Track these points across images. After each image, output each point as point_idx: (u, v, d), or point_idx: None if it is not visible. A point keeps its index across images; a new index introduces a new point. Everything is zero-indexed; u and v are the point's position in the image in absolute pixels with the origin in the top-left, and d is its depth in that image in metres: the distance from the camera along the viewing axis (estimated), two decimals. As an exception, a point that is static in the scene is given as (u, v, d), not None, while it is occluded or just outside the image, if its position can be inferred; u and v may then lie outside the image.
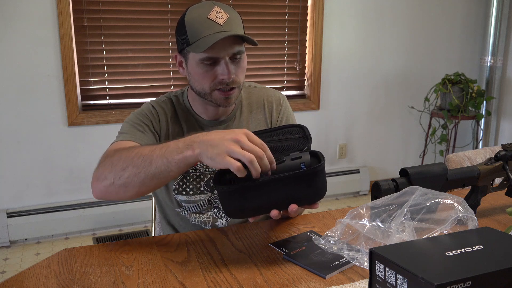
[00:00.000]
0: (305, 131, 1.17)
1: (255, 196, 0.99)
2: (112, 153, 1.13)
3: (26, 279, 0.96)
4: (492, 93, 3.80)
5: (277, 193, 0.98)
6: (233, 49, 1.24)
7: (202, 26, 1.22)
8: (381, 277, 0.74)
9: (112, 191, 1.11)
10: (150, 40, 3.06)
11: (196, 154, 1.00)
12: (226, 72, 1.24)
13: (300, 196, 1.00)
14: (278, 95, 1.49)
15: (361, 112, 3.72)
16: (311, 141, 1.15)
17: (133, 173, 1.06)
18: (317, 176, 0.99)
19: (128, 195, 1.11)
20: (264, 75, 3.41)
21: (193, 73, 1.29)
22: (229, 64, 1.24)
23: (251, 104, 1.45)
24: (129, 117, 1.36)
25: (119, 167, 1.08)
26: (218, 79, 1.26)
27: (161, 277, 0.97)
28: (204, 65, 1.25)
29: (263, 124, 1.44)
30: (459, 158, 1.75)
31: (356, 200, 3.70)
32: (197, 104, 1.38)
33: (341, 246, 0.98)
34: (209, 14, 1.22)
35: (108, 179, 1.09)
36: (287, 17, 3.37)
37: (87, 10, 2.89)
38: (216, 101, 1.30)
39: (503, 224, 1.23)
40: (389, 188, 1.09)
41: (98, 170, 1.13)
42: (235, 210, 1.02)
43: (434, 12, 3.76)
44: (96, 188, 1.13)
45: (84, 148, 3.01)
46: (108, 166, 1.11)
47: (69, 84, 2.90)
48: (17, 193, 2.93)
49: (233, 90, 1.28)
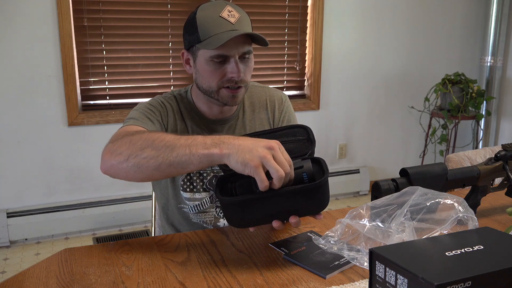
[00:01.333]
0: (309, 133, 1.15)
1: (257, 208, 0.97)
2: (132, 133, 1.10)
3: (26, 279, 0.96)
4: (492, 93, 3.80)
5: (279, 205, 0.97)
6: (243, 48, 1.25)
7: (215, 24, 1.23)
8: (381, 277, 0.73)
9: (123, 169, 1.06)
10: (150, 40, 3.06)
11: (223, 155, 0.96)
12: (236, 71, 1.25)
13: (302, 208, 0.98)
14: (280, 94, 1.50)
15: (361, 112, 3.72)
16: (315, 144, 1.13)
17: (151, 155, 1.02)
18: (320, 189, 0.97)
19: (137, 177, 1.07)
20: (264, 75, 3.41)
21: (201, 71, 1.29)
22: (238, 62, 1.26)
23: (253, 103, 1.46)
24: (138, 105, 1.35)
25: (138, 146, 1.04)
26: (227, 77, 1.27)
27: (161, 277, 0.97)
28: (213, 63, 1.26)
29: (265, 123, 1.45)
30: (459, 158, 1.75)
31: (356, 200, 3.70)
32: (201, 103, 1.38)
33: (341, 246, 0.98)
34: (222, 13, 1.23)
35: (123, 155, 1.05)
36: (287, 17, 3.37)
37: (87, 10, 2.89)
38: (223, 99, 1.30)
39: (503, 224, 1.23)
40: (389, 188, 1.09)
41: (113, 145, 1.10)
42: (237, 220, 1.01)
43: (434, 12, 3.76)
44: (106, 162, 1.09)
45: (84, 148, 3.01)
46: (126, 142, 1.07)
47: (69, 84, 2.90)
48: (17, 193, 2.93)
49: (240, 89, 1.29)
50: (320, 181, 0.96)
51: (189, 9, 3.06)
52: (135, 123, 1.24)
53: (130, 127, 1.20)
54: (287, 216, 0.98)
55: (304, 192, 0.96)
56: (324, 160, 1.05)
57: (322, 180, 0.97)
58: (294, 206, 0.97)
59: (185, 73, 3.18)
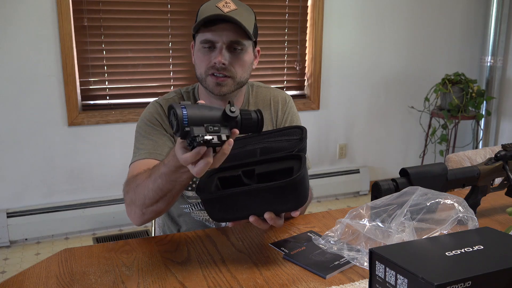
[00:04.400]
0: (303, 132, 1.17)
1: (231, 204, 1.02)
2: (128, 188, 1.19)
3: (26, 279, 0.96)
4: (492, 93, 3.80)
5: (251, 201, 1.00)
6: (229, 37, 1.27)
7: (207, 10, 1.26)
8: (381, 277, 0.73)
9: (149, 219, 1.19)
10: (150, 40, 3.06)
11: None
12: (217, 56, 1.27)
13: (274, 204, 1.00)
14: (284, 95, 1.51)
15: (361, 112, 3.72)
16: (302, 142, 1.14)
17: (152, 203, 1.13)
18: (290, 187, 0.97)
19: (163, 212, 1.19)
20: (264, 75, 3.41)
21: (195, 58, 1.33)
22: (224, 50, 1.27)
23: (257, 103, 1.47)
24: (139, 124, 1.38)
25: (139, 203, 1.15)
26: (211, 63, 1.28)
27: (161, 277, 0.97)
28: (203, 50, 1.29)
29: (268, 123, 1.46)
30: (459, 158, 1.75)
31: (356, 200, 3.70)
32: (205, 100, 1.38)
33: (341, 246, 0.98)
34: (218, 3, 1.27)
35: (139, 215, 1.18)
36: (287, 17, 3.37)
37: (87, 10, 2.89)
38: (209, 87, 1.31)
39: (503, 224, 1.23)
40: (389, 188, 1.09)
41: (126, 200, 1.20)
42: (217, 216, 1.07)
43: (434, 12, 3.76)
44: (133, 220, 1.21)
45: (84, 148, 3.01)
46: (131, 204, 1.18)
47: (69, 84, 2.90)
48: (17, 193, 2.93)
49: (226, 78, 1.29)
50: (285, 181, 0.97)
51: (189, 9, 3.06)
52: (141, 156, 1.30)
53: (137, 167, 1.27)
54: (262, 213, 1.00)
55: (272, 189, 0.98)
56: (306, 158, 1.07)
57: (287, 181, 0.96)
58: (267, 202, 1.00)
59: (185, 73, 3.18)
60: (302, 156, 1.06)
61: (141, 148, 1.32)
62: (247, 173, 1.09)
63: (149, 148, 1.31)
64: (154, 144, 1.32)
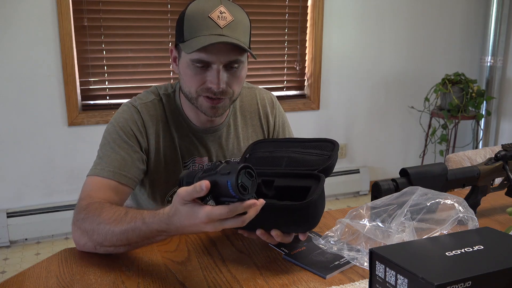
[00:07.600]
0: (334, 147, 1.12)
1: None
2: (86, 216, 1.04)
3: (26, 279, 0.96)
4: (492, 93, 3.80)
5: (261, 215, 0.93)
6: (228, 57, 1.12)
7: (200, 25, 1.11)
8: (381, 277, 0.73)
9: (98, 252, 1.05)
10: (150, 40, 3.06)
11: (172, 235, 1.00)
12: (215, 81, 1.13)
13: (283, 223, 0.97)
14: (269, 96, 1.44)
15: (361, 112, 3.72)
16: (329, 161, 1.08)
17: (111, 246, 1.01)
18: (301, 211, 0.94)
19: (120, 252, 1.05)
20: (264, 75, 3.41)
21: (182, 73, 1.19)
22: (221, 72, 1.13)
23: (244, 107, 1.38)
24: (109, 128, 1.22)
25: (96, 240, 1.01)
26: (206, 86, 1.15)
27: (161, 277, 0.97)
28: (194, 67, 1.14)
29: (259, 130, 1.39)
30: (459, 158, 1.75)
31: (356, 200, 3.70)
32: (188, 108, 1.27)
33: (341, 246, 0.98)
34: (211, 13, 1.11)
35: (90, 247, 1.04)
36: (287, 17, 3.37)
37: (87, 10, 2.89)
38: (201, 108, 1.19)
39: (503, 224, 1.23)
40: (389, 188, 1.09)
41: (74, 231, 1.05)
42: None
43: (434, 12, 3.76)
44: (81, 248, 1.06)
45: (84, 148, 3.01)
46: (84, 234, 1.03)
47: (69, 84, 2.90)
48: (17, 193, 2.93)
49: (222, 101, 1.17)
50: (295, 204, 0.93)
51: (189, 9, 3.06)
52: (102, 171, 1.15)
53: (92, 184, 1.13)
54: (269, 229, 0.97)
55: (281, 209, 0.95)
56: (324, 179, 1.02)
57: (297, 204, 0.93)
58: (275, 220, 0.96)
59: (185, 73, 3.18)
60: (322, 178, 1.02)
61: (105, 162, 1.17)
62: (266, 183, 1.06)
63: (115, 165, 1.16)
64: (121, 161, 1.17)
